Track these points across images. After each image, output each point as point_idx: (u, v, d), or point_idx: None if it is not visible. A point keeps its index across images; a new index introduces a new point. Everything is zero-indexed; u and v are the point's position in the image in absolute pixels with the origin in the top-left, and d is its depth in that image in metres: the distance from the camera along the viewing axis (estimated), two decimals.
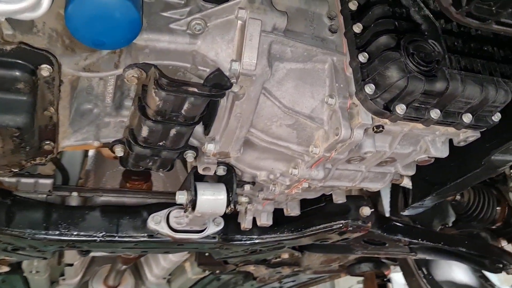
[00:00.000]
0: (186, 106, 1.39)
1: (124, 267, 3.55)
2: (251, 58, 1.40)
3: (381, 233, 2.32)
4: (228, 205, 1.87)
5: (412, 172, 1.90)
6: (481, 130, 1.66)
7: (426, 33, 1.51)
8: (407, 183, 2.41)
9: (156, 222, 2.16)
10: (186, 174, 2.88)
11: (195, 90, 1.32)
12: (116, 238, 2.15)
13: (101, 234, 2.12)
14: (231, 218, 2.38)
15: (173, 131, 1.50)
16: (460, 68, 1.49)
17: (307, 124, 1.57)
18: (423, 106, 1.50)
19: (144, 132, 1.48)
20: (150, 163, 1.66)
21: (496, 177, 2.71)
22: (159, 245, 2.28)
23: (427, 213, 2.85)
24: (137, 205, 2.27)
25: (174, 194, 2.38)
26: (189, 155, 1.69)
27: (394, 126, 1.59)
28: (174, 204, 2.28)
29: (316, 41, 1.55)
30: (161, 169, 1.71)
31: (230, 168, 1.83)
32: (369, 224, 2.25)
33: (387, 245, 2.49)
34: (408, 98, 1.45)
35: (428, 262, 3.05)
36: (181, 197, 1.83)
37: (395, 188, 2.96)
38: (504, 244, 2.65)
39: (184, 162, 2.91)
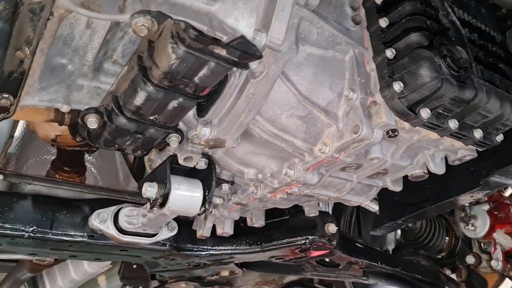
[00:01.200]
0: (203, 72, 1.15)
1: (26, 275, 3.03)
2: (280, 31, 1.21)
3: (341, 253, 2.19)
4: (203, 204, 1.62)
5: (399, 188, 1.80)
6: (482, 149, 1.61)
7: (453, 38, 1.43)
8: (368, 204, 2.33)
9: (101, 220, 1.82)
10: (128, 172, 2.55)
11: (223, 52, 1.09)
12: (49, 236, 1.77)
13: (31, 228, 1.73)
14: (183, 224, 2.11)
15: (173, 104, 1.24)
16: (484, 79, 1.43)
17: (320, 119, 1.40)
18: (445, 113, 1.41)
19: (139, 99, 1.20)
20: (129, 142, 1.37)
21: None
22: (97, 249, 1.93)
23: (366, 238, 2.80)
24: (79, 198, 1.91)
25: (122, 192, 2.07)
26: (173, 140, 1.42)
27: (405, 133, 1.48)
28: (121, 202, 1.98)
29: (341, 29, 1.40)
30: (138, 152, 1.42)
31: (211, 162, 1.59)
32: (334, 243, 2.11)
33: (340, 267, 2.36)
34: (434, 103, 1.35)
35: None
36: (151, 189, 1.54)
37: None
38: (448, 273, 2.67)
39: (125, 155, 2.58)
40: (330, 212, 2.99)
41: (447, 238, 2.63)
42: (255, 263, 2.51)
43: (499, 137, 1.56)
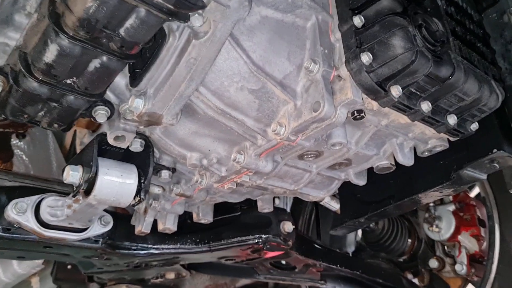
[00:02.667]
0: (130, 22, 0.92)
1: None
2: None
3: (298, 255, 1.99)
4: (137, 193, 1.38)
5: (363, 181, 1.62)
6: (455, 139, 1.44)
7: (428, 9, 1.26)
8: (328, 202, 2.15)
9: (20, 211, 1.55)
10: (62, 159, 2.27)
11: None
12: None
13: None
14: (120, 219, 1.86)
15: (95, 63, 1.00)
16: (462, 57, 1.26)
17: (275, 94, 1.20)
18: (417, 93, 1.23)
19: (50, 56, 0.96)
20: (42, 113, 1.12)
21: None
22: (16, 245, 1.65)
23: (325, 239, 2.63)
24: None
25: (50, 180, 1.81)
26: (100, 113, 1.19)
27: (372, 116, 1.30)
28: (47, 191, 1.71)
29: None
30: (55, 126, 1.18)
31: (148, 144, 1.36)
32: (290, 243, 1.91)
33: (296, 270, 2.17)
34: (407, 80, 1.17)
35: None
36: (74, 173, 1.29)
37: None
38: (409, 277, 2.52)
39: (60, 141, 2.31)
40: (288, 210, 2.81)
41: (409, 240, 2.48)
42: (204, 265, 2.28)
43: (474, 126, 1.40)
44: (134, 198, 1.38)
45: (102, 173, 1.30)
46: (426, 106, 1.24)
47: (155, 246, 1.88)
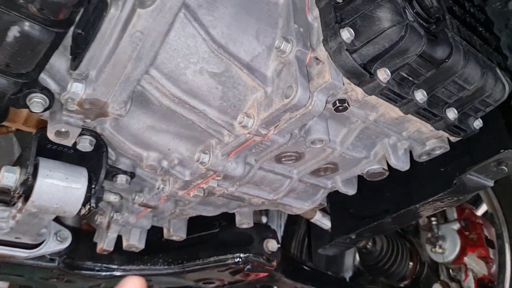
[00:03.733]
0: None
1: None
2: None
3: (284, 277, 1.77)
4: (87, 202, 1.19)
5: (352, 190, 1.42)
6: (457, 139, 1.25)
7: None
8: (320, 219, 1.94)
9: None
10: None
11: None
12: None
13: None
14: (83, 235, 1.67)
15: (14, 32, 0.83)
16: (461, 37, 1.08)
17: (241, 79, 1.02)
18: (410, 79, 1.05)
19: None
20: None
21: (407, 227, 2.38)
22: None
23: (319, 262, 2.41)
24: None
25: None
26: (36, 101, 1.01)
27: (358, 109, 1.12)
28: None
29: None
30: None
31: (101, 143, 1.17)
32: (275, 263, 1.69)
33: None
34: (396, 61, 0.99)
35: None
36: (9, 175, 1.11)
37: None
38: None
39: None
40: (281, 231, 2.60)
41: (411, 263, 2.24)
42: None
43: (478, 123, 1.22)
44: (84, 206, 1.19)
45: (42, 175, 1.11)
46: (420, 95, 1.06)
47: (122, 267, 1.67)
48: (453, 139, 1.26)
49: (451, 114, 1.13)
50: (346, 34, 0.95)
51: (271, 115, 0.99)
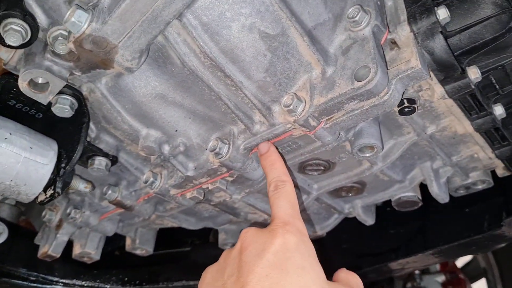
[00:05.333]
0: None
1: None
2: None
3: None
4: (50, 185, 0.88)
5: (371, 220, 1.20)
6: (506, 173, 1.08)
7: None
8: None
9: None
10: None
11: None
12: None
13: None
14: (20, 235, 1.32)
15: None
16: None
17: (297, 49, 0.78)
18: (494, 88, 0.87)
19: None
20: None
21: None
22: None
23: None
24: None
25: None
26: (14, 29, 0.72)
27: (418, 117, 0.91)
28: None
29: None
30: None
31: (83, 110, 0.88)
32: None
33: None
34: (489, 61, 0.81)
35: None
36: None
37: None
38: None
39: None
40: None
41: None
42: None
43: None
44: (45, 190, 0.88)
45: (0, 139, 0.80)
46: (500, 111, 0.88)
47: (63, 281, 1.33)
48: (501, 173, 1.09)
49: None
50: (444, 13, 0.75)
51: (331, 101, 0.76)
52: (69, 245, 1.26)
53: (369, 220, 1.18)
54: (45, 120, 0.91)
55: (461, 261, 2.06)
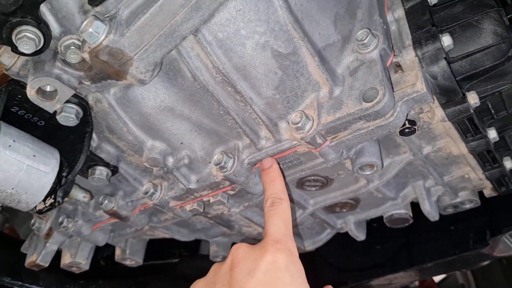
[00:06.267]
0: None
1: None
2: None
3: None
4: (51, 194, 0.87)
5: (363, 235, 1.23)
6: (493, 195, 1.12)
7: None
8: None
9: None
10: None
11: None
12: None
13: None
14: (5, 243, 1.30)
15: None
16: None
17: (307, 68, 0.80)
18: (489, 112, 0.91)
19: None
20: None
21: None
22: None
23: None
24: None
25: None
26: (28, 37, 0.71)
27: (416, 138, 0.95)
28: None
29: None
30: None
31: (87, 120, 0.87)
32: None
33: None
34: (488, 87, 0.84)
35: None
36: None
37: None
38: None
39: None
40: None
41: None
42: None
43: None
44: (45, 199, 0.87)
45: (3, 145, 0.79)
46: (494, 134, 0.92)
47: None
48: (488, 194, 1.13)
49: (509, 163, 1.00)
50: (448, 40, 0.79)
51: (338, 120, 0.78)
52: (55, 254, 1.24)
53: (360, 235, 1.21)
54: (46, 128, 0.90)
55: (438, 277, 2.12)
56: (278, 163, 0.90)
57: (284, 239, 0.74)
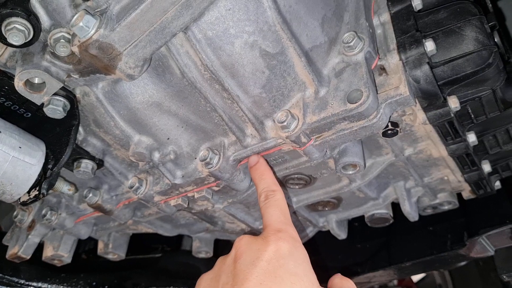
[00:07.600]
0: None
1: None
2: None
3: None
4: (35, 185, 0.87)
5: (344, 234, 1.25)
6: (472, 197, 1.15)
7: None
8: None
9: None
10: None
11: None
12: None
13: None
14: None
15: None
16: None
17: (294, 68, 0.81)
18: (469, 117, 0.93)
19: None
20: None
21: None
22: None
23: None
24: None
25: None
26: (17, 29, 0.71)
27: (398, 139, 0.97)
28: None
29: None
30: None
31: (74, 113, 0.87)
32: None
33: None
34: (468, 92, 0.87)
35: None
36: None
37: None
38: None
39: None
40: None
41: None
42: None
43: (497, 184, 1.13)
44: (30, 191, 0.87)
45: None
46: (473, 138, 0.95)
47: (29, 283, 1.29)
48: (466, 196, 1.16)
49: (487, 167, 1.03)
50: (431, 45, 0.81)
51: (323, 121, 0.80)
52: (37, 247, 1.24)
53: (342, 234, 1.23)
54: (33, 119, 0.90)
55: (416, 277, 2.16)
56: (266, 160, 0.91)
57: (284, 227, 0.74)
